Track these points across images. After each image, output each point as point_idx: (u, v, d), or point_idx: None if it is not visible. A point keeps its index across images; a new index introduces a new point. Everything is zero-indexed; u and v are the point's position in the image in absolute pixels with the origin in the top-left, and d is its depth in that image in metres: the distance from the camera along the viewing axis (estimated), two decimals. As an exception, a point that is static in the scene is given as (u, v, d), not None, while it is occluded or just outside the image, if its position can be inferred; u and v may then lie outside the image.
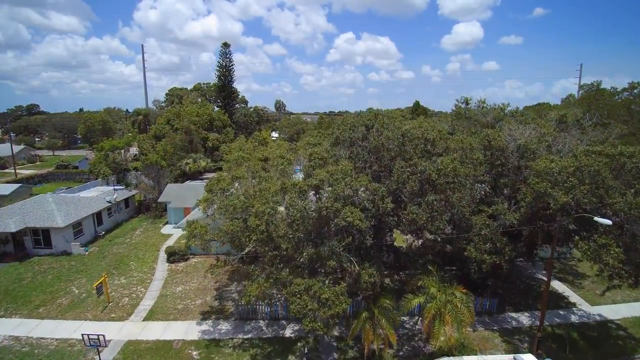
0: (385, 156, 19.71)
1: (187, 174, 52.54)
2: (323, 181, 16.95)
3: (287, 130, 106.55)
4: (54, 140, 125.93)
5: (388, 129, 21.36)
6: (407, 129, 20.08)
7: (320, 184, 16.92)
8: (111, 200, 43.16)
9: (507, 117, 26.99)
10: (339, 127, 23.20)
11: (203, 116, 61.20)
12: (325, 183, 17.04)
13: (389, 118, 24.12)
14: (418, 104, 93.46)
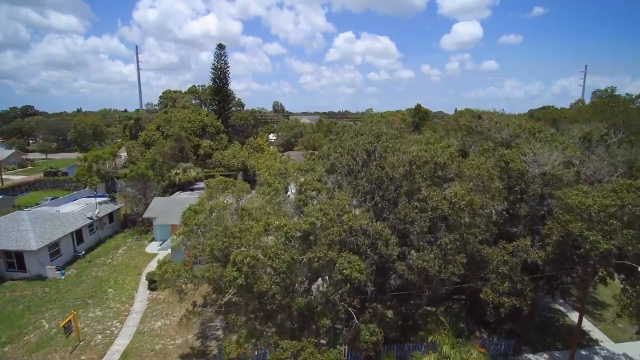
0: (389, 187, 16.78)
1: (176, 185, 49.55)
2: (314, 225, 14.04)
3: (284, 133, 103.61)
4: (47, 143, 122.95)
5: (392, 154, 18.38)
6: (414, 155, 17.11)
7: (311, 229, 14.01)
8: (92, 216, 40.22)
9: (525, 134, 23.99)
10: (336, 149, 20.21)
11: (195, 122, 58.18)
12: (317, 226, 14.12)
13: (393, 138, 21.06)
14: (419, 107, 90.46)
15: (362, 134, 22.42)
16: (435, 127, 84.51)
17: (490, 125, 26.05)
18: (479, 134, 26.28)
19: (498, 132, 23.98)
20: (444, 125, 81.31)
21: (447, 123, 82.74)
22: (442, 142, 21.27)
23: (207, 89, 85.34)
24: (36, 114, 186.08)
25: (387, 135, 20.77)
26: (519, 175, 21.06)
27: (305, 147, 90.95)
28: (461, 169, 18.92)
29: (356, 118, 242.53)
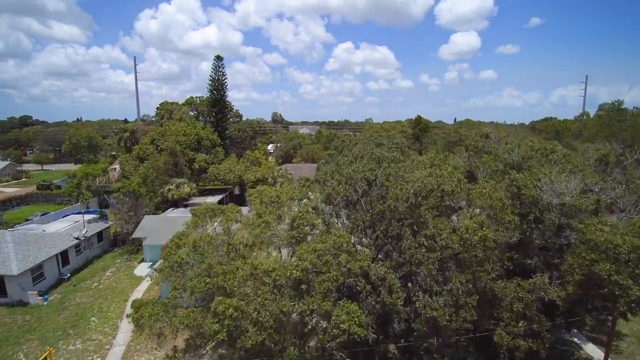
0: (392, 221, 15.04)
1: (169, 201, 47.80)
2: (307, 271, 12.29)
3: (283, 144, 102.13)
4: (43, 154, 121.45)
5: (395, 182, 16.65)
6: (419, 185, 15.39)
7: (303, 276, 12.24)
8: (80, 236, 38.38)
9: (537, 155, 22.33)
10: (333, 174, 18.47)
11: (190, 135, 56.61)
12: (310, 270, 12.36)
13: (395, 162, 19.37)
14: (420, 119, 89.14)
15: (361, 156, 20.75)
16: (436, 138, 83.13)
17: (498, 144, 24.42)
18: (486, 154, 24.62)
19: (508, 153, 22.34)
20: (445, 137, 79.91)
21: (447, 135, 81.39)
22: (449, 167, 19.54)
23: (204, 100, 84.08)
24: (34, 123, 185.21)
25: (388, 159, 19.05)
26: (532, 202, 19.34)
27: (304, 159, 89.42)
28: (471, 196, 17.20)
29: (356, 127, 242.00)
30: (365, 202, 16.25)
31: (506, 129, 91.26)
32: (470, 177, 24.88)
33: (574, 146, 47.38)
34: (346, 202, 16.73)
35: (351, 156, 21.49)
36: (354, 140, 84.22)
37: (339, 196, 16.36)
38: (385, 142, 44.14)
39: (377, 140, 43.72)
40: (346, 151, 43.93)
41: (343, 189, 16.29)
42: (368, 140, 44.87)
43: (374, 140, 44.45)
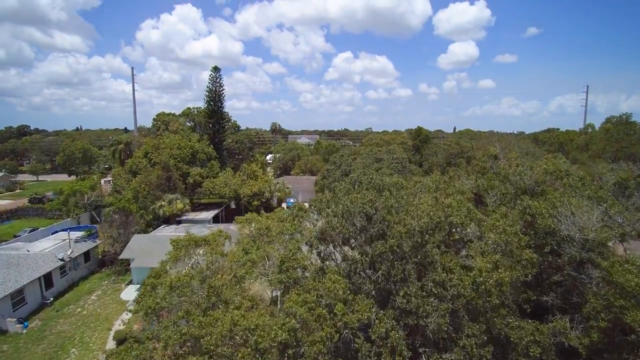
0: (395, 263, 13.27)
1: (160, 218, 46.01)
2: (295, 331, 10.49)
3: (282, 155, 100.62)
4: (39, 164, 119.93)
5: (397, 216, 14.90)
6: (426, 222, 13.65)
7: (290, 338, 10.42)
8: (64, 257, 36.53)
9: (551, 178, 20.65)
10: (329, 204, 16.72)
11: (185, 149, 55.05)
12: (301, 329, 10.58)
13: (397, 189, 17.64)
14: (420, 130, 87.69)
15: (360, 181, 19.04)
16: (437, 150, 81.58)
17: (507, 164, 22.75)
18: (496, 175, 22.92)
19: (519, 175, 20.66)
20: (447, 148, 78.37)
21: (449, 147, 79.82)
22: (456, 195, 17.79)
23: (202, 111, 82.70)
24: (32, 133, 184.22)
25: (389, 186, 17.32)
26: (548, 232, 17.59)
27: (302, 171, 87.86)
28: (482, 229, 15.46)
29: (355, 137, 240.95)
30: (365, 239, 14.52)
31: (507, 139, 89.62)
32: (478, 200, 23.17)
33: (581, 160, 45.76)
34: (343, 239, 15.00)
35: (349, 181, 19.78)
36: (353, 152, 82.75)
37: (335, 232, 14.65)
38: (385, 156, 42.62)
39: (377, 155, 42.19)
40: (345, 166, 42.45)
41: (339, 223, 14.57)
42: (368, 155, 43.32)
43: (373, 155, 42.90)
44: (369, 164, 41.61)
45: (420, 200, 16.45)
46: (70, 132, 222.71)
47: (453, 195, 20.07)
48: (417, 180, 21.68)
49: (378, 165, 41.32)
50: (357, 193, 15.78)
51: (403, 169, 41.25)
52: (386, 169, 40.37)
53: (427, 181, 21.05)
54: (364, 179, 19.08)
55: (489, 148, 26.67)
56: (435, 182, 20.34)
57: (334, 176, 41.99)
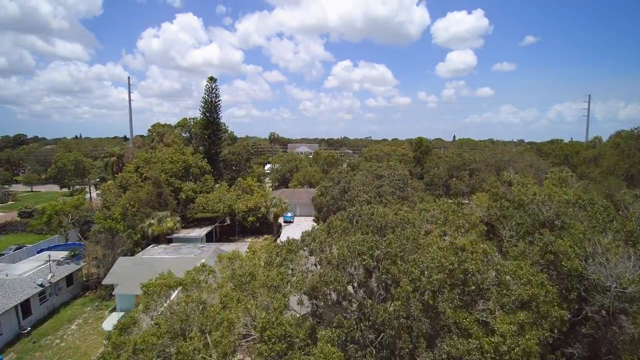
0: (402, 333, 11.03)
1: (149, 237, 43.72)
2: None
3: (280, 166, 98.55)
4: (33, 174, 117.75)
5: (403, 265, 12.65)
6: (440, 279, 11.42)
7: None
8: (44, 282, 34.20)
9: (573, 207, 18.45)
10: (321, 246, 14.48)
11: (177, 162, 52.96)
12: None
13: (403, 226, 15.42)
14: (421, 141, 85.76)
15: (359, 215, 16.80)
16: (439, 162, 79.50)
17: (523, 189, 20.54)
18: (509, 203, 20.72)
19: (537, 205, 18.50)
20: (449, 161, 76.31)
21: (451, 159, 77.75)
22: (470, 231, 15.59)
23: (198, 122, 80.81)
24: (29, 142, 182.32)
25: (393, 224, 15.10)
26: (574, 276, 15.36)
27: (300, 183, 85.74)
28: (501, 277, 13.24)
29: (355, 145, 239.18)
30: (364, 295, 12.28)
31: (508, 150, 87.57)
32: (491, 230, 20.96)
33: (592, 177, 43.64)
34: (337, 298, 12.79)
35: (346, 217, 17.52)
36: (352, 167, 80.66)
37: (329, 288, 12.43)
38: (385, 173, 40.51)
39: (377, 172, 40.10)
40: (343, 183, 40.31)
41: (334, 277, 12.36)
42: (368, 171, 41.23)
43: (373, 171, 40.80)
44: (368, 181, 39.42)
45: (429, 239, 14.27)
46: (69, 141, 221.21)
47: (463, 227, 17.89)
48: (422, 208, 19.49)
49: (379, 182, 39.14)
50: (356, 234, 13.61)
51: (404, 187, 39.06)
52: (387, 187, 38.18)
53: (434, 211, 18.86)
54: (364, 212, 16.81)
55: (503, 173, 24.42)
56: (444, 212, 18.16)
57: (332, 194, 39.78)
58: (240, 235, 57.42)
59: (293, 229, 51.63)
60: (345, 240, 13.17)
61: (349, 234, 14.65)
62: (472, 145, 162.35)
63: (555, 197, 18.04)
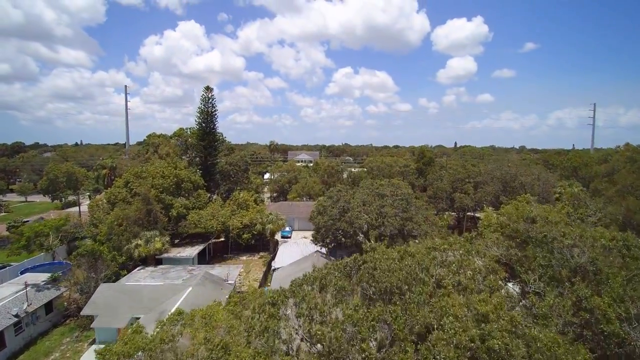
0: None
1: (136, 259, 41.16)
2: None
3: (279, 176, 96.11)
4: (28, 184, 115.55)
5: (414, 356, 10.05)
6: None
7: None
8: (19, 312, 31.65)
9: (611, 254, 15.84)
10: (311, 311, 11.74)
11: (169, 177, 50.53)
12: None
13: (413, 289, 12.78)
14: (424, 152, 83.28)
15: (357, 267, 14.19)
16: (442, 174, 76.89)
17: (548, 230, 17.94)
18: (529, 241, 18.16)
19: (568, 249, 15.93)
20: (453, 172, 73.70)
21: (455, 171, 75.14)
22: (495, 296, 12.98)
23: (194, 132, 78.58)
24: (27, 150, 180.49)
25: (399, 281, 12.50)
26: (615, 341, 12.76)
27: (299, 195, 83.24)
28: (533, 354, 10.63)
29: (356, 153, 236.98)
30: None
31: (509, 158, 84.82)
32: (509, 271, 18.35)
33: (608, 195, 41.05)
34: None
35: (343, 268, 14.88)
36: (353, 177, 78.24)
37: None
38: (387, 191, 37.97)
39: (379, 190, 37.55)
40: (342, 202, 37.79)
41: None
42: (369, 189, 38.69)
43: (375, 190, 38.25)
44: (369, 200, 36.85)
45: (443, 301, 11.71)
46: (69, 148, 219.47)
47: (480, 273, 15.30)
48: (431, 246, 16.86)
49: (380, 202, 36.56)
50: (354, 295, 11.14)
51: (408, 206, 36.47)
52: (389, 208, 35.59)
53: (449, 257, 16.26)
54: (365, 269, 14.04)
55: (524, 206, 21.75)
56: (459, 261, 15.47)
57: (331, 214, 37.21)
58: (234, 252, 54.82)
59: (290, 249, 49.00)
60: (342, 309, 10.60)
61: (346, 294, 12.14)
62: (475, 154, 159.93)
63: (589, 239, 15.48)
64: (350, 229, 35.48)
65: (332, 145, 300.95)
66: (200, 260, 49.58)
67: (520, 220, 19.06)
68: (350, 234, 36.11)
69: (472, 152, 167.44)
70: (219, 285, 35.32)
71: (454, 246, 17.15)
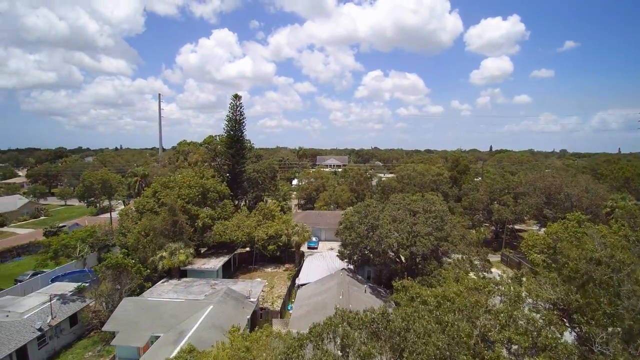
0: None
1: (160, 272, 40.63)
2: None
3: (307, 183, 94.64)
4: (67, 189, 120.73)
5: None
6: None
7: None
8: (43, 327, 31.60)
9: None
10: None
11: (195, 187, 50.12)
12: None
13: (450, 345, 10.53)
14: (458, 160, 79.20)
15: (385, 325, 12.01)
16: (479, 184, 72.58)
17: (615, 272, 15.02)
18: (593, 283, 15.28)
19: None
20: (490, 182, 69.31)
21: (493, 180, 70.68)
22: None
23: (223, 139, 78.69)
24: (68, 154, 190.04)
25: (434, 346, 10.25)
26: None
27: (326, 203, 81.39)
28: None
29: (386, 158, 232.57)
30: None
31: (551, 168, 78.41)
32: (567, 316, 15.55)
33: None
34: None
35: (369, 323, 12.73)
36: (383, 186, 75.32)
37: None
38: (420, 208, 35.28)
39: (411, 207, 34.94)
40: (371, 219, 35.46)
41: None
42: (400, 206, 36.13)
43: (406, 205, 35.67)
44: (400, 217, 34.34)
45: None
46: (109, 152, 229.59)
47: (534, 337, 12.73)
48: (476, 300, 14.32)
49: (412, 219, 33.97)
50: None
51: (443, 224, 33.64)
52: (422, 226, 32.93)
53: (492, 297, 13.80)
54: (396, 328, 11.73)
55: (586, 242, 18.68)
56: (506, 311, 12.97)
57: (358, 230, 35.01)
58: (259, 263, 53.64)
59: (315, 263, 47.13)
60: None
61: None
62: (513, 159, 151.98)
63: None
64: (378, 247, 33.14)
65: (362, 150, 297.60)
66: (225, 270, 48.75)
67: (581, 260, 16.14)
68: (379, 252, 33.77)
69: (510, 157, 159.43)
70: (240, 303, 33.98)
71: (503, 282, 14.59)
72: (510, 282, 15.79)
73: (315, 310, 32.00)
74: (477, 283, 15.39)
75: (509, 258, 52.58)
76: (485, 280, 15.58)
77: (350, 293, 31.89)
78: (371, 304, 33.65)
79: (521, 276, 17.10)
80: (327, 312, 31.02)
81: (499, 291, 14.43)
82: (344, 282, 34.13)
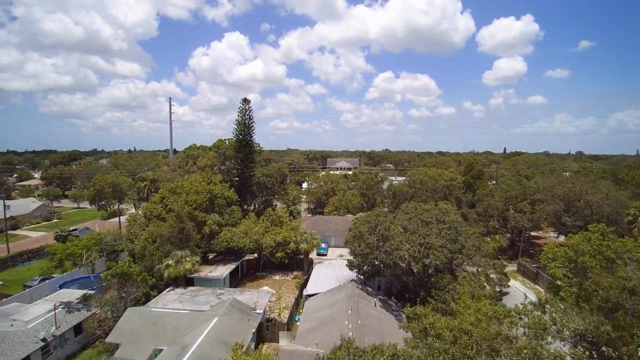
0: None
1: (164, 279, 39.96)
2: None
3: (316, 187, 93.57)
4: (80, 191, 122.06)
5: None
6: None
7: None
8: (47, 337, 31.16)
9: None
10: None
11: (202, 193, 49.49)
12: None
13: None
14: (472, 164, 77.13)
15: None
16: (493, 190, 70.38)
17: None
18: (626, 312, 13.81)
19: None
20: (506, 188, 67.09)
21: (508, 186, 68.36)
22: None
23: (232, 143, 78.24)
24: (82, 157, 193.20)
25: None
26: None
27: (336, 208, 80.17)
28: None
29: (397, 160, 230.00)
30: None
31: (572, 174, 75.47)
32: (597, 351, 14.09)
33: None
34: None
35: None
36: (393, 190, 73.71)
37: None
38: (433, 218, 33.88)
39: (423, 217, 33.57)
40: (382, 229, 34.22)
41: None
42: (412, 215, 34.78)
43: (418, 215, 34.29)
44: (412, 227, 32.97)
45: None
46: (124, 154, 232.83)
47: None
48: (496, 331, 13.01)
49: (425, 230, 32.57)
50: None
51: (457, 236, 32.16)
52: (435, 237, 31.51)
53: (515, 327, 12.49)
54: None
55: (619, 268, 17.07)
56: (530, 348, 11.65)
57: (368, 241, 33.76)
58: (267, 270, 52.71)
59: (324, 272, 45.99)
60: None
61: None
62: (529, 162, 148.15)
63: None
64: (389, 259, 31.83)
65: (372, 152, 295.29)
66: (232, 277, 47.97)
67: (614, 288, 14.66)
68: (390, 264, 32.45)
69: (525, 160, 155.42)
70: (246, 316, 33.02)
71: (522, 316, 13.24)
72: (533, 308, 14.40)
73: (323, 324, 30.85)
74: (497, 312, 14.05)
75: (526, 268, 50.57)
76: (505, 309, 14.19)
77: (359, 307, 30.64)
78: (381, 319, 32.37)
79: (545, 302, 15.69)
80: (335, 328, 29.87)
81: (521, 322, 13.11)
82: (353, 294, 32.87)
